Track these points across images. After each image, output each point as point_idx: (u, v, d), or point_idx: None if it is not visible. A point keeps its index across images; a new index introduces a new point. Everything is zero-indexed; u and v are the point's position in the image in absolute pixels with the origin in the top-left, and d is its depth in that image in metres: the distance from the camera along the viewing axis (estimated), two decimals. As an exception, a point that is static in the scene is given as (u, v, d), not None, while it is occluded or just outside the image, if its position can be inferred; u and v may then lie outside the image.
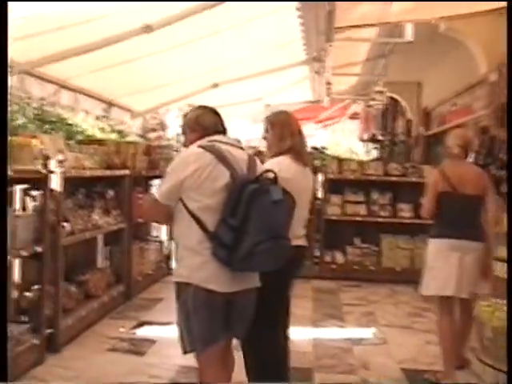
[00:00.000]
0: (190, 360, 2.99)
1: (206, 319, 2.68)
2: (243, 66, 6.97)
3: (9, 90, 4.75)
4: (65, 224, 4.66)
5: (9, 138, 3.95)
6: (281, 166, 3.14)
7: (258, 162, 2.90)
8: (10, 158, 3.54)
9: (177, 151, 7.58)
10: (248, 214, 2.55)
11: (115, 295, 5.76)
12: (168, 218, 2.84)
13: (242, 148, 2.94)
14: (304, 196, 3.33)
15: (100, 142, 6.10)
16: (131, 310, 5.79)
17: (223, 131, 2.94)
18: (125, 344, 4.71)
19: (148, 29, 4.44)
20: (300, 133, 3.41)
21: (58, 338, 4.44)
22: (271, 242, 2.58)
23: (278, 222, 2.65)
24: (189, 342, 2.74)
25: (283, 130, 3.36)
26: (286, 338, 3.50)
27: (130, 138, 8.13)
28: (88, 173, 5.11)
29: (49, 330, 4.34)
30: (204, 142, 2.79)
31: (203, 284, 2.65)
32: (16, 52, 4.64)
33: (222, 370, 2.85)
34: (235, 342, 3.12)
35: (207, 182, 2.64)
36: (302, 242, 3.39)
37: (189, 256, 2.71)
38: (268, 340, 3.29)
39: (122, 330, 5.10)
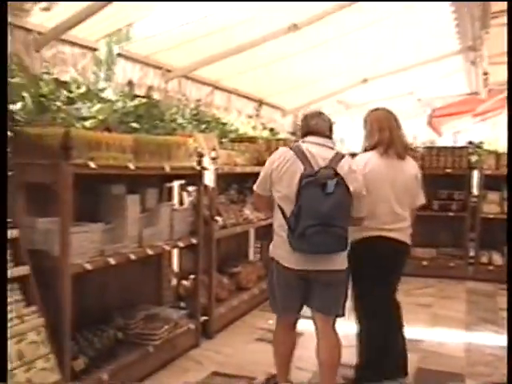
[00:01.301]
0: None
1: (283, 289, 3.28)
2: (393, 60, 6.81)
3: (168, 94, 5.15)
4: (217, 218, 4.88)
5: (167, 137, 4.30)
6: (359, 161, 3.49)
7: (344, 160, 3.18)
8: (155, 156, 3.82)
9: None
10: (301, 202, 3.00)
11: (265, 288, 5.93)
12: (268, 207, 3.42)
13: (330, 147, 3.25)
14: (389, 189, 3.54)
15: (251, 139, 6.35)
16: (279, 302, 5.94)
17: (315, 133, 3.27)
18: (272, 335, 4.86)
19: (294, 28, 4.54)
20: (391, 128, 3.60)
21: (211, 324, 4.71)
22: (319, 227, 2.97)
23: (327, 212, 2.98)
24: (273, 306, 3.42)
25: (372, 126, 3.65)
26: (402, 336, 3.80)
27: (281, 136, 8.32)
28: (238, 169, 5.33)
29: (204, 317, 4.61)
30: (298, 142, 3.31)
31: (280, 260, 3.22)
32: (174, 58, 5.02)
33: (290, 333, 3.47)
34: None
35: (286, 175, 3.14)
36: (384, 233, 3.54)
37: (274, 236, 3.29)
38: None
39: (270, 321, 5.24)
